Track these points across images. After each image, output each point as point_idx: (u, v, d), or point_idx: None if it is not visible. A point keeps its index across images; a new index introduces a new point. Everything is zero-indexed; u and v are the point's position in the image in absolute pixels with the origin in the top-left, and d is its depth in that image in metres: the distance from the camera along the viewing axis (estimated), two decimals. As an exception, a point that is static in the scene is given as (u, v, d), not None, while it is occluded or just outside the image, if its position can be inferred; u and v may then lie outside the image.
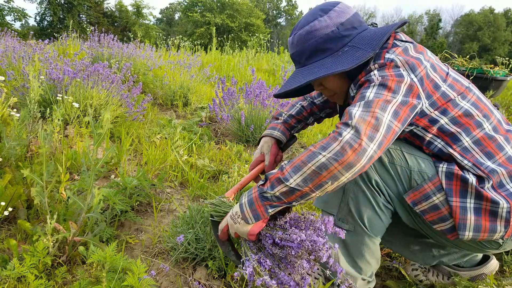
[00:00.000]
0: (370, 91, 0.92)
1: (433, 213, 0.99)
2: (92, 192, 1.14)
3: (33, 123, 1.79)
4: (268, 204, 0.92)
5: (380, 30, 1.02)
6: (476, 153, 0.97)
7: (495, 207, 0.92)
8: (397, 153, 1.02)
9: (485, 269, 1.24)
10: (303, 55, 1.06)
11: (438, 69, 1.01)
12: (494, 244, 1.01)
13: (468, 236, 0.95)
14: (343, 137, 0.84)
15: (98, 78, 2.76)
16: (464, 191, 0.95)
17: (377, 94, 0.90)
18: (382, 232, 1.10)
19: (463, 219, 0.95)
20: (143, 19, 36.51)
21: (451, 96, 0.99)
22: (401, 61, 0.94)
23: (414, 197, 1.00)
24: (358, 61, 0.96)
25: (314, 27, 1.02)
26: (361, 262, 1.10)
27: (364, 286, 1.14)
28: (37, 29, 32.45)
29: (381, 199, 1.05)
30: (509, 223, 0.93)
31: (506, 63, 5.32)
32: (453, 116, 0.98)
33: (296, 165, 0.88)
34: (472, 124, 0.98)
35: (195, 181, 1.97)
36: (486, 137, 0.98)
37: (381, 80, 0.92)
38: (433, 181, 0.98)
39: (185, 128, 2.96)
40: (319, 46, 1.03)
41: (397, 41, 1.01)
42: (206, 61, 6.52)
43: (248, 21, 37.56)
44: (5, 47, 3.75)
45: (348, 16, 1.03)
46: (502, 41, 45.34)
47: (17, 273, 1.03)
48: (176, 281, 1.22)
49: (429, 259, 1.22)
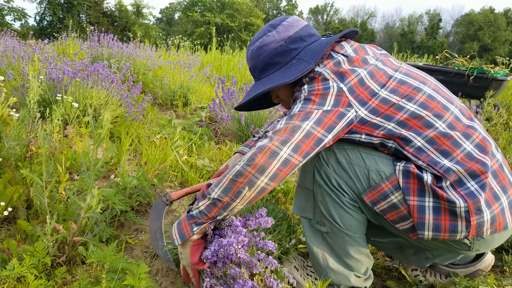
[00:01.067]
0: (296, 107, 0.97)
1: (393, 212, 0.98)
2: (91, 192, 1.14)
3: (32, 123, 1.79)
4: (193, 222, 0.97)
5: (324, 42, 1.05)
6: (431, 152, 0.95)
7: (453, 207, 0.90)
8: (355, 153, 1.02)
9: (480, 264, 1.23)
10: (256, 69, 1.12)
11: (378, 75, 0.98)
12: (462, 245, 0.98)
13: (428, 236, 0.94)
14: (257, 146, 0.92)
15: (98, 78, 2.76)
16: (422, 190, 0.93)
17: (302, 108, 0.95)
18: (360, 228, 1.09)
19: (421, 218, 0.93)
20: (143, 18, 36.51)
21: (393, 101, 0.96)
22: (328, 73, 0.97)
23: (372, 196, 1.00)
24: (300, 73, 1.00)
25: (263, 42, 1.07)
26: (349, 260, 1.10)
27: (361, 283, 1.14)
28: (36, 29, 32.43)
29: (345, 198, 1.04)
30: (469, 222, 0.90)
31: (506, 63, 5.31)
32: (399, 120, 0.96)
33: (219, 180, 0.95)
34: (422, 126, 0.96)
35: (195, 181, 1.96)
36: (440, 135, 0.95)
37: (307, 95, 0.97)
38: (390, 180, 0.97)
39: (185, 128, 2.96)
40: (269, 61, 1.08)
41: (333, 53, 1.03)
42: (206, 61, 6.52)
43: (248, 20, 37.54)
44: (5, 47, 3.74)
45: (296, 29, 1.07)
46: (503, 41, 45.33)
47: (16, 273, 1.03)
48: (176, 281, 1.22)
49: (423, 261, 1.21)
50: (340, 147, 1.03)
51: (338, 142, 1.04)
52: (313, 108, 0.94)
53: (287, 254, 1.30)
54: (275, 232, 1.31)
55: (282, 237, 1.31)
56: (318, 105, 0.94)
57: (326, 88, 0.95)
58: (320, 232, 1.12)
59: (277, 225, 1.36)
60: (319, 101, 0.94)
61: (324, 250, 1.12)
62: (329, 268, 1.12)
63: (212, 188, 0.95)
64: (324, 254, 1.12)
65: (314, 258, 1.14)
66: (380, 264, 1.41)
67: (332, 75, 0.97)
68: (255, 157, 0.90)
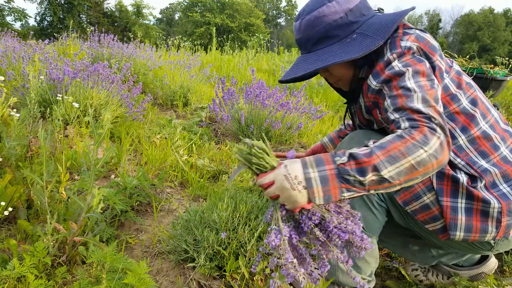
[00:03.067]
0: (410, 83, 0.87)
1: (424, 213, 0.99)
2: (92, 192, 1.14)
3: (33, 123, 1.79)
4: (345, 187, 0.79)
5: (388, 17, 1.00)
6: (471, 151, 0.96)
7: (486, 207, 0.92)
8: None
9: (484, 267, 1.24)
10: (309, 41, 1.04)
11: (444, 59, 1.00)
12: (486, 245, 1.00)
13: (459, 237, 0.95)
14: (439, 134, 0.78)
15: (98, 78, 2.76)
16: (455, 191, 0.94)
17: (417, 83, 0.87)
18: (379, 231, 1.10)
19: (454, 219, 0.94)
20: (143, 19, 36.51)
21: (451, 90, 0.97)
22: (417, 47, 0.94)
23: (404, 197, 1.00)
24: (368, 49, 0.94)
25: (323, 12, 1.00)
26: (359, 261, 1.10)
27: (365, 284, 1.14)
28: (37, 29, 32.44)
29: (374, 197, 1.05)
30: (500, 223, 0.92)
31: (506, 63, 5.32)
32: (450, 112, 0.97)
33: (392, 155, 0.77)
34: (470, 123, 0.97)
35: (195, 181, 1.97)
36: (482, 136, 0.97)
37: (412, 69, 0.90)
38: (423, 181, 0.97)
39: (185, 128, 2.96)
40: (327, 33, 1.01)
41: (407, 29, 1.00)
42: (206, 61, 6.52)
43: (248, 21, 37.54)
44: (5, 47, 3.75)
45: (356, 2, 1.01)
46: (502, 41, 45.33)
47: (17, 273, 1.03)
48: (176, 281, 1.22)
49: (428, 260, 1.22)
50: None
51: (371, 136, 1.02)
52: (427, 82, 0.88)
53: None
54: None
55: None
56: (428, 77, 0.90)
57: (419, 60, 0.93)
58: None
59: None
60: (427, 72, 0.90)
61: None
62: (338, 267, 1.12)
63: (384, 164, 0.77)
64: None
65: None
66: (380, 263, 1.41)
67: (419, 49, 0.94)
68: (443, 152, 0.78)
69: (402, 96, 0.86)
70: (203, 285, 1.20)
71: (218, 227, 1.28)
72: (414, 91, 0.86)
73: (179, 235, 1.34)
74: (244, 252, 1.24)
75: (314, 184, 0.79)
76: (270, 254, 0.96)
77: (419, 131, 0.78)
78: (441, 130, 0.79)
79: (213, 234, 1.24)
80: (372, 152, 0.78)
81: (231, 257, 1.20)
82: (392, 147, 0.78)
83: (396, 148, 0.77)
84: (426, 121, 0.80)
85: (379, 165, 0.77)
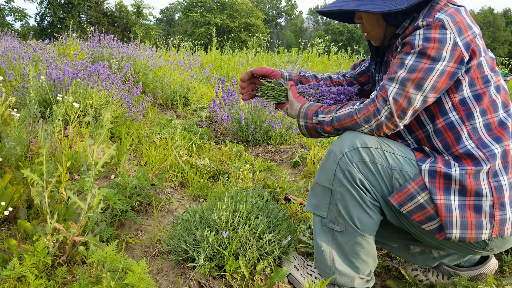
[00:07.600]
0: (409, 59, 0.95)
1: (420, 213, 0.98)
2: (92, 192, 1.14)
3: (33, 123, 1.79)
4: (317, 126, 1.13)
5: None
6: (484, 136, 0.96)
7: (479, 200, 0.92)
8: (378, 152, 1.02)
9: (485, 268, 1.24)
10: None
11: (482, 41, 1.00)
12: (480, 243, 0.99)
13: (455, 235, 0.95)
14: (381, 116, 0.98)
15: (98, 78, 2.76)
16: (448, 189, 0.95)
17: (416, 62, 0.94)
18: (374, 230, 1.09)
19: (448, 216, 0.94)
20: (143, 19, 36.53)
21: (485, 70, 0.97)
22: (449, 22, 0.92)
23: (399, 198, 1.00)
24: (392, 8, 0.95)
25: None
26: (357, 261, 1.10)
27: (363, 285, 1.14)
28: (37, 29, 32.43)
29: (367, 197, 1.04)
30: (493, 217, 0.92)
31: (506, 63, 5.32)
32: (477, 92, 0.97)
33: (343, 125, 1.07)
34: (490, 107, 0.97)
35: (195, 181, 1.97)
36: (497, 123, 0.97)
37: (421, 47, 0.93)
38: (416, 181, 0.98)
39: (185, 128, 2.96)
40: None
41: (450, 4, 0.98)
42: (206, 61, 6.52)
43: (248, 21, 37.54)
44: (5, 47, 3.75)
45: None
46: (502, 41, 45.33)
47: (17, 273, 1.03)
48: (176, 281, 1.22)
49: (429, 261, 1.21)
50: (364, 146, 1.03)
51: (366, 140, 1.05)
52: (427, 64, 0.92)
53: (287, 254, 1.30)
54: (274, 232, 1.31)
55: (282, 237, 1.31)
56: (433, 61, 0.92)
57: (442, 39, 0.92)
58: (331, 231, 1.11)
59: (277, 225, 1.36)
60: (435, 56, 0.92)
61: (333, 249, 1.11)
62: (335, 269, 1.12)
63: (336, 117, 1.06)
64: (333, 253, 1.11)
65: (321, 257, 1.13)
66: (380, 263, 1.41)
67: (452, 25, 0.93)
68: (381, 129, 1.01)
69: (393, 70, 0.98)
70: (203, 285, 1.20)
71: (218, 227, 1.29)
72: (403, 70, 0.95)
73: (179, 235, 1.34)
74: (244, 252, 1.24)
75: (301, 123, 1.16)
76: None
77: (367, 110, 1.00)
78: (385, 112, 0.97)
79: (213, 234, 1.24)
80: (332, 120, 1.08)
81: (231, 257, 1.20)
82: (344, 122, 1.06)
83: (346, 123, 1.06)
84: (381, 103, 0.97)
85: (332, 119, 1.08)
